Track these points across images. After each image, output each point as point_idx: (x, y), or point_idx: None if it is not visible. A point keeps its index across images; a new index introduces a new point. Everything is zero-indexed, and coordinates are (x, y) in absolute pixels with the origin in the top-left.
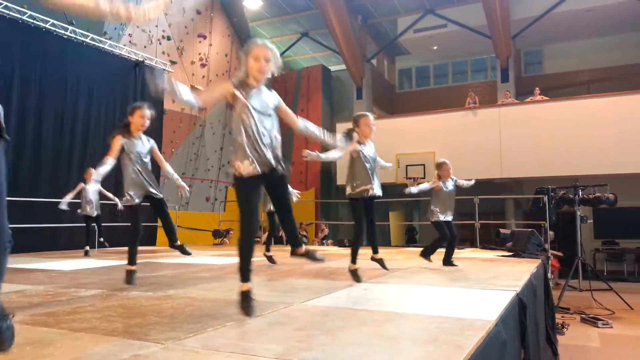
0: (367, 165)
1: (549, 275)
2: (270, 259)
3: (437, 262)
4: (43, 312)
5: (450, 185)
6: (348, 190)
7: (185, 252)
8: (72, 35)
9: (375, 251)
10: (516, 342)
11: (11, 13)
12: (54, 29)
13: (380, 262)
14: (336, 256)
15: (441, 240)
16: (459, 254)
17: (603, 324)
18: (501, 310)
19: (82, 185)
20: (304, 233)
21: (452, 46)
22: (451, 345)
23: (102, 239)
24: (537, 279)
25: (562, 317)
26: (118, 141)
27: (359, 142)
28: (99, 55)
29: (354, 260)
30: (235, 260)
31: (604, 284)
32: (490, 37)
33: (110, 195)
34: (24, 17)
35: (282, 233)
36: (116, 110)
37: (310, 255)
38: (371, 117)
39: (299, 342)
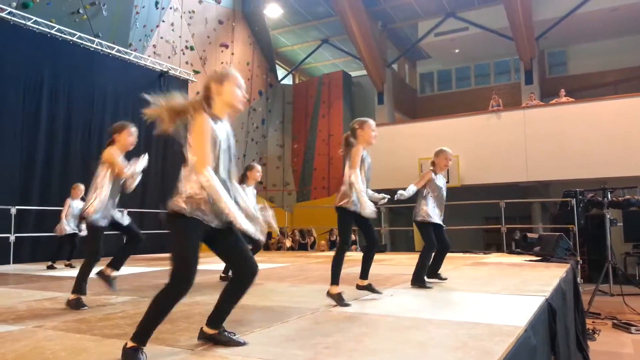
0: (368, 174)
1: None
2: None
3: (448, 272)
4: (75, 319)
5: (442, 180)
6: (346, 202)
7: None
8: (99, 47)
9: (363, 275)
10: (546, 348)
11: (40, 27)
12: (80, 41)
13: (370, 288)
14: (358, 262)
15: (428, 253)
16: (486, 258)
17: (636, 330)
18: (530, 315)
19: (69, 201)
20: (334, 238)
21: (474, 49)
22: (480, 351)
23: (70, 262)
24: (567, 284)
25: (592, 322)
26: (117, 154)
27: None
28: (125, 67)
29: (335, 280)
30: (261, 266)
31: (636, 288)
32: (512, 39)
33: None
34: (52, 31)
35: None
36: (142, 121)
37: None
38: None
39: (326, 348)
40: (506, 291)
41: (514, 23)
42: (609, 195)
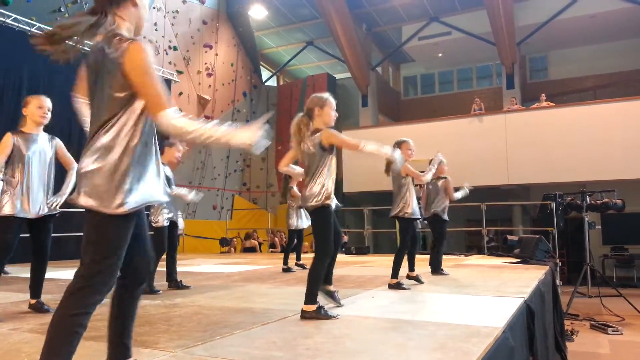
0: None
1: (558, 282)
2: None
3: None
4: None
5: None
6: (321, 199)
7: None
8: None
9: (327, 281)
10: (524, 349)
11: (20, 25)
12: None
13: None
14: (342, 264)
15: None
16: (466, 260)
17: (613, 331)
18: (509, 317)
19: None
20: None
21: (457, 53)
22: (459, 352)
23: None
24: (545, 286)
25: (571, 323)
26: (8, 138)
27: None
28: None
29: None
30: (243, 267)
31: (613, 290)
32: (495, 43)
33: None
34: (33, 29)
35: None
36: None
37: None
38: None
39: (307, 350)
40: (485, 293)
41: (496, 28)
42: (588, 198)
